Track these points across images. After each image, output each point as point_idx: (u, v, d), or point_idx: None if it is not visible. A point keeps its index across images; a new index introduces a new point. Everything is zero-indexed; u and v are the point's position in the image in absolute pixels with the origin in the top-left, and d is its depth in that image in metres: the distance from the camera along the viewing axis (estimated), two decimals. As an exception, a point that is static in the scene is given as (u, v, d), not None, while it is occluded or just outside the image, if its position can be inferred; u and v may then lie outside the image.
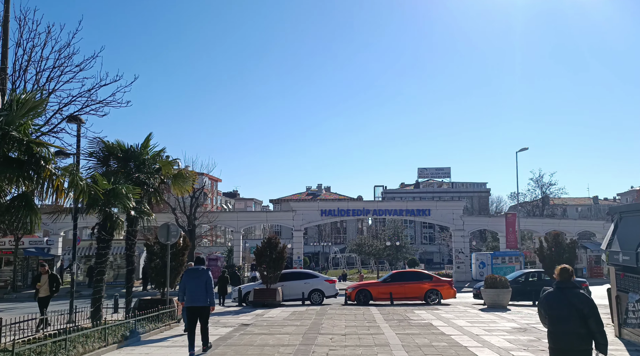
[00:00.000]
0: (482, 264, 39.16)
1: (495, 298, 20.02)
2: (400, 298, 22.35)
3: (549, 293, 6.02)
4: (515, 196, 70.75)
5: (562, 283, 5.88)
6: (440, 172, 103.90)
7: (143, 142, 14.44)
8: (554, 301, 5.82)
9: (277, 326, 14.44)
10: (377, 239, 60.00)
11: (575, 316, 5.58)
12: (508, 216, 40.04)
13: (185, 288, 10.03)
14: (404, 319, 16.17)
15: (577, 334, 5.57)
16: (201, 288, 9.90)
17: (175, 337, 12.56)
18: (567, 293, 5.77)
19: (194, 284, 9.93)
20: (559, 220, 52.07)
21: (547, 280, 22.48)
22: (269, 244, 21.80)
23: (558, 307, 5.74)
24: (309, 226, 43.38)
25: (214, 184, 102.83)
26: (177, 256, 15.55)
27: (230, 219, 41.69)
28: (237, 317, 17.11)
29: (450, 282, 22.97)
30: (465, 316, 16.87)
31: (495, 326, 14.23)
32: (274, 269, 21.47)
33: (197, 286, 9.91)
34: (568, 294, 5.75)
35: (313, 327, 14.19)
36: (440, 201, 43.51)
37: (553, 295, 5.90)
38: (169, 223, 15.05)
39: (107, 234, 11.97)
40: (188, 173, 14.88)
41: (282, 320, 16.23)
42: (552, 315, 5.80)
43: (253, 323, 15.39)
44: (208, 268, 10.64)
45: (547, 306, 5.88)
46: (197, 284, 9.92)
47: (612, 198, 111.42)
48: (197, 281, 9.96)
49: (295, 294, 22.63)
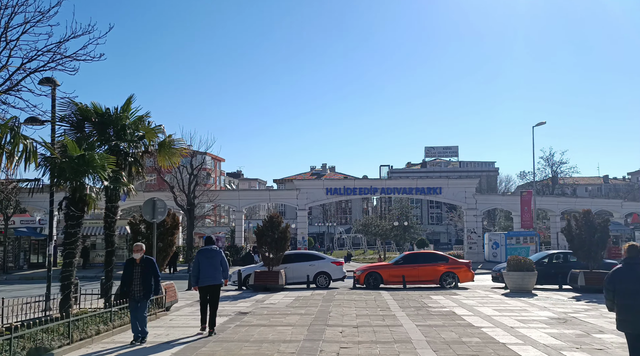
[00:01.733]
0: (495, 245, 37.35)
1: (520, 281, 18.19)
2: (413, 282, 20.59)
3: (618, 269, 6.50)
4: (524, 175, 68.88)
5: (631, 259, 6.39)
6: (448, 152, 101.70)
7: (123, 105, 12.49)
8: (624, 276, 6.30)
9: (278, 316, 12.66)
10: (384, 219, 58.22)
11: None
12: (523, 194, 38.00)
13: (199, 269, 10.15)
14: (422, 306, 14.38)
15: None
16: (217, 267, 10.16)
17: (160, 329, 10.81)
18: (636, 268, 6.28)
19: (208, 264, 10.13)
20: (575, 199, 50.02)
21: (573, 262, 20.65)
22: (271, 223, 19.97)
23: (628, 281, 6.22)
24: (313, 205, 41.57)
25: (217, 164, 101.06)
26: (165, 236, 13.75)
27: (232, 198, 39.87)
28: (234, 304, 15.37)
29: (468, 264, 21.15)
30: (490, 303, 15.06)
31: (528, 316, 12.40)
32: (276, 250, 19.67)
33: (211, 265, 10.13)
34: (638, 269, 6.26)
35: (320, 316, 12.41)
36: (452, 179, 41.52)
37: (622, 270, 6.39)
38: (155, 198, 13.20)
39: (76, 210, 10.13)
40: (176, 142, 12.93)
41: (284, 307, 14.48)
42: (622, 289, 6.24)
43: (252, 311, 13.64)
44: (220, 247, 11.22)
45: (617, 281, 6.32)
46: (212, 264, 10.14)
47: (621, 178, 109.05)
48: (212, 260, 10.18)
49: (299, 278, 20.89)
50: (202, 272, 10.14)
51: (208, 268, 10.14)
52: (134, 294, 9.23)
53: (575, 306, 14.52)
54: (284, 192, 45.94)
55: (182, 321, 12.01)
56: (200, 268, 10.16)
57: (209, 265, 10.15)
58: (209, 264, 10.16)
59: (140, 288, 9.23)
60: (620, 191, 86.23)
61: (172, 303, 13.99)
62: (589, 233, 18.60)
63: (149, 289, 9.28)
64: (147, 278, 9.26)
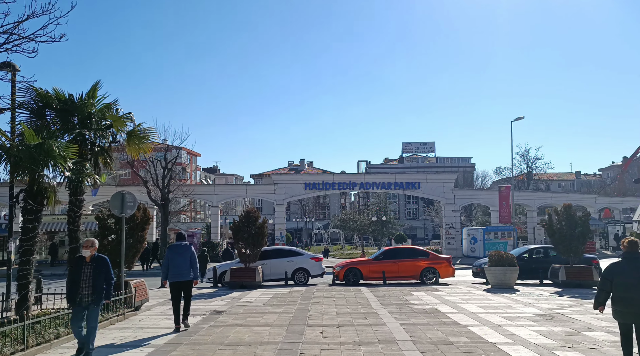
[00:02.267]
0: (473, 240, 37.29)
1: (502, 277, 17.92)
2: (393, 277, 20.17)
3: (617, 263, 6.77)
4: (500, 170, 69.48)
5: (630, 253, 6.65)
6: (425, 147, 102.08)
7: (89, 91, 11.67)
8: (623, 270, 6.58)
9: (255, 315, 12.03)
10: (362, 214, 57.92)
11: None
12: (502, 189, 38.05)
13: (169, 265, 10.16)
14: (404, 303, 13.92)
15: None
16: (186, 264, 10.12)
17: (128, 330, 10.07)
18: (635, 262, 6.54)
19: (179, 260, 10.11)
20: (551, 194, 50.49)
21: (553, 257, 20.49)
22: (248, 219, 19.27)
23: (627, 275, 6.49)
24: (291, 200, 40.88)
25: (192, 159, 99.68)
26: (134, 232, 12.94)
27: (207, 193, 38.87)
28: (209, 302, 14.67)
29: (449, 259, 20.81)
30: (473, 299, 14.70)
31: (514, 313, 12.03)
32: (253, 246, 18.99)
33: (182, 261, 10.10)
34: (637, 263, 6.52)
35: (299, 315, 11.83)
36: (430, 174, 41.23)
37: (622, 264, 6.67)
38: (124, 191, 12.39)
39: (35, 204, 9.31)
40: (145, 131, 12.13)
41: (262, 305, 13.85)
42: (621, 282, 6.51)
43: (227, 310, 12.97)
44: (191, 243, 10.86)
45: (616, 274, 6.62)
46: (182, 260, 10.10)
47: (592, 173, 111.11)
48: (182, 257, 10.14)
49: (277, 274, 20.26)
50: (172, 268, 10.16)
51: (178, 264, 10.15)
52: (82, 298, 7.64)
53: (558, 301, 14.26)
54: (261, 187, 45.11)
55: (153, 321, 11.29)
56: (170, 264, 10.19)
57: (181, 261, 10.15)
58: (180, 260, 10.16)
59: (90, 292, 7.65)
60: (592, 186, 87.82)
61: (143, 302, 13.25)
62: (570, 228, 18.42)
63: (100, 294, 7.73)
64: (99, 280, 7.72)
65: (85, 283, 7.67)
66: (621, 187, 74.80)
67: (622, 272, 6.59)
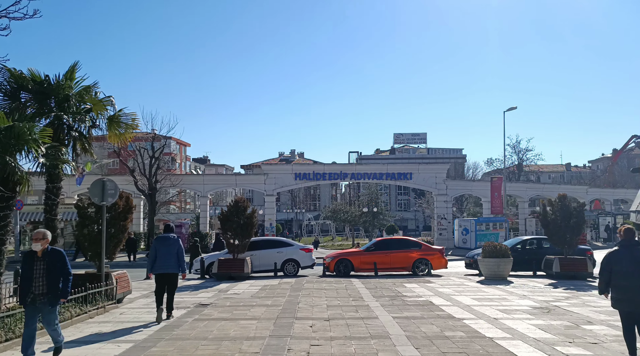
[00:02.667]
0: (465, 231, 37.03)
1: (495, 268, 17.59)
2: (385, 269, 19.79)
3: (614, 251, 6.79)
4: (492, 161, 69.32)
5: (627, 241, 6.70)
6: (417, 138, 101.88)
7: (66, 72, 11.04)
8: (621, 258, 6.62)
9: (242, 308, 11.56)
10: (353, 205, 57.56)
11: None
12: (494, 180, 37.77)
13: (155, 256, 10.06)
14: (396, 295, 13.53)
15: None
16: (173, 255, 10.05)
17: (107, 324, 9.56)
18: (632, 250, 6.59)
19: (165, 252, 10.03)
20: (543, 185, 50.40)
21: (546, 248, 20.21)
22: (236, 208, 18.75)
23: (624, 263, 6.54)
24: (282, 190, 40.34)
25: (182, 149, 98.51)
26: (116, 221, 12.38)
27: (196, 183, 38.19)
28: (195, 294, 14.19)
29: (442, 251, 20.45)
30: (467, 292, 14.34)
31: (510, 306, 11.67)
32: (242, 236, 18.49)
33: (168, 253, 10.03)
34: (633, 251, 6.57)
35: (287, 308, 11.39)
36: (422, 164, 40.86)
37: (619, 253, 6.70)
38: (104, 178, 11.81)
39: (6, 191, 8.73)
40: (127, 116, 11.54)
41: (249, 297, 13.39)
42: (619, 270, 6.58)
43: (213, 302, 12.49)
44: (179, 234, 11.09)
45: (614, 263, 6.66)
46: (169, 252, 10.04)
47: (582, 166, 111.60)
48: (168, 248, 10.07)
49: (266, 265, 19.80)
50: (158, 259, 10.06)
51: (165, 256, 10.05)
52: (34, 298, 6.68)
53: (554, 293, 13.93)
54: (251, 177, 44.44)
55: (134, 315, 10.78)
56: (157, 255, 10.08)
57: (166, 253, 10.06)
58: (166, 252, 10.07)
59: (43, 291, 6.70)
60: (581, 178, 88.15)
61: (125, 294, 12.72)
62: (564, 219, 18.09)
63: (55, 293, 6.75)
64: (53, 277, 6.76)
65: (38, 281, 6.69)
66: (611, 179, 75.07)
67: (619, 260, 6.63)
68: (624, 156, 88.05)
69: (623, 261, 6.59)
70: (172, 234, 10.45)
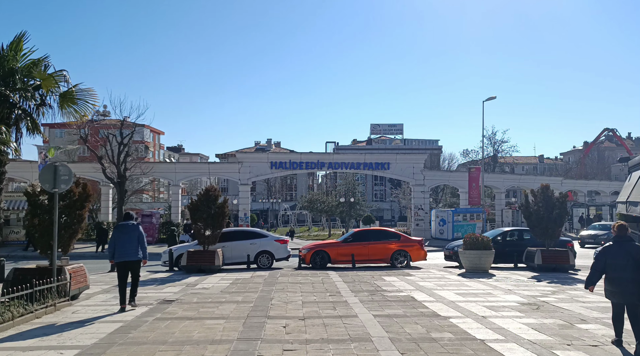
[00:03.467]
0: (442, 222, 36.69)
1: (477, 261, 17.01)
2: (363, 261, 19.08)
3: (608, 246, 7.29)
4: (467, 153, 69.27)
5: (620, 237, 7.19)
6: (393, 129, 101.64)
7: (11, 43, 9.82)
8: (615, 252, 7.11)
9: (210, 305, 10.62)
10: (330, 195, 56.83)
11: (632, 265, 6.89)
12: (471, 170, 37.41)
13: (115, 245, 10.00)
14: (376, 290, 12.76)
15: (633, 279, 6.86)
16: (133, 243, 9.98)
17: (52, 326, 8.49)
18: (625, 245, 7.09)
19: (125, 239, 9.96)
20: (519, 176, 50.47)
21: (527, 240, 19.77)
22: (207, 197, 17.73)
23: (618, 257, 7.03)
24: (257, 179, 39.30)
25: (156, 137, 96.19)
26: (71, 210, 11.23)
27: (168, 171, 36.76)
28: (160, 289, 13.16)
29: (421, 242, 19.80)
30: (449, 286, 13.67)
31: (496, 302, 11.01)
32: (213, 227, 17.50)
33: (128, 241, 9.96)
34: (626, 246, 7.08)
35: (259, 305, 10.50)
36: (400, 154, 40.33)
37: (612, 247, 7.19)
38: (57, 163, 10.66)
39: None
40: (84, 92, 10.38)
41: (219, 292, 12.44)
42: (612, 264, 7.06)
43: (179, 298, 11.51)
44: (139, 223, 10.69)
45: (609, 256, 7.14)
46: (129, 239, 9.97)
47: (554, 158, 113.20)
48: (128, 236, 9.99)
49: (239, 257, 18.86)
50: (119, 247, 9.98)
51: (125, 243, 9.97)
52: None
53: (539, 287, 13.37)
54: (225, 165, 43.11)
55: (89, 313, 9.72)
56: (117, 243, 10.01)
57: (126, 241, 9.99)
58: (126, 239, 9.99)
59: None
60: (554, 170, 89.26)
61: (82, 290, 11.63)
62: (547, 210, 17.60)
63: None
64: None
65: None
66: (582, 171, 76.14)
67: (614, 254, 7.08)
68: (595, 149, 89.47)
69: (617, 255, 7.02)
70: (132, 222, 10.35)
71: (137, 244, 10.06)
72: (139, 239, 10.10)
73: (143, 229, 10.50)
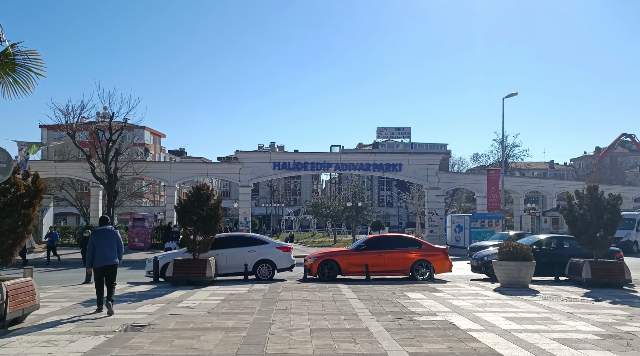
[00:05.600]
0: (458, 228, 34.01)
1: (515, 274, 14.37)
2: (378, 272, 16.55)
3: None
4: (478, 157, 66.61)
5: None
6: (400, 132, 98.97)
7: None
8: None
9: (189, 333, 8.06)
10: (335, 199, 54.21)
11: None
12: (490, 173, 34.76)
13: (94, 250, 9.97)
14: (402, 312, 10.19)
15: None
16: (112, 248, 10.11)
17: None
18: None
19: (104, 244, 10.04)
20: (539, 180, 47.78)
21: (567, 248, 17.17)
22: (198, 197, 15.21)
23: None
24: (259, 181, 36.66)
25: (157, 140, 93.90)
26: (14, 209, 8.73)
27: (162, 171, 34.23)
28: (133, 308, 10.61)
29: (445, 251, 17.22)
30: (490, 306, 11.07)
31: (564, 332, 8.40)
32: (204, 231, 14.97)
33: (108, 245, 10.06)
34: None
35: (254, 334, 7.95)
36: (413, 155, 37.75)
37: None
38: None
39: None
40: (24, 54, 7.91)
41: (205, 314, 9.89)
42: None
43: (152, 323, 8.95)
44: (116, 228, 11.32)
45: None
46: (109, 244, 10.07)
47: (563, 163, 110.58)
48: (108, 241, 10.09)
49: (235, 267, 16.31)
50: (97, 253, 9.98)
51: (103, 248, 10.01)
52: None
53: (605, 311, 10.74)
54: (224, 165, 40.46)
55: (24, 348, 7.17)
56: (95, 248, 9.99)
57: (105, 246, 10.03)
58: (105, 244, 10.04)
59: None
60: (564, 176, 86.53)
61: (28, 311, 9.06)
62: (596, 214, 15.00)
63: None
64: None
65: None
66: (598, 176, 73.42)
67: None
68: (608, 154, 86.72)
69: None
70: (109, 226, 10.38)
71: (116, 248, 10.16)
72: (118, 243, 10.23)
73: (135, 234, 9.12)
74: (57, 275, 19.44)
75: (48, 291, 13.53)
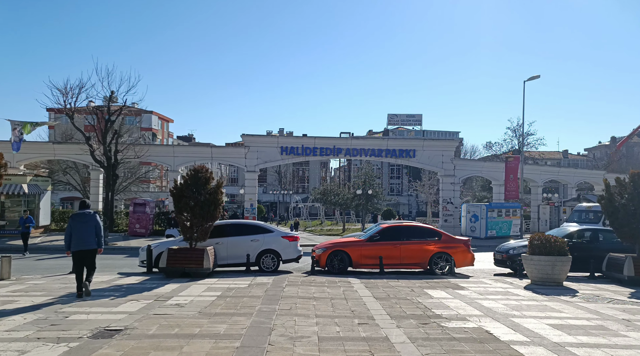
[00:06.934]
0: (474, 218, 32.37)
1: (549, 270, 12.79)
2: (393, 265, 15.07)
3: None
4: (491, 145, 64.51)
5: None
6: (411, 120, 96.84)
7: None
8: None
9: (171, 342, 6.60)
10: (345, 187, 52.60)
11: None
12: (509, 160, 32.96)
13: (71, 234, 9.92)
14: (426, 315, 8.67)
15: None
16: (90, 232, 9.99)
17: None
18: None
19: (82, 229, 9.94)
20: (559, 168, 45.85)
21: (602, 242, 15.58)
22: (196, 180, 13.73)
23: None
24: (265, 166, 35.15)
25: (165, 125, 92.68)
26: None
27: (164, 155, 32.78)
28: (114, 306, 9.17)
29: (467, 243, 15.68)
30: (527, 309, 9.53)
31: (630, 345, 6.86)
32: (202, 218, 13.51)
33: (85, 230, 9.95)
34: None
35: (250, 344, 6.50)
36: (428, 140, 36.02)
37: None
38: None
39: None
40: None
41: (196, 314, 8.45)
42: None
43: (130, 326, 7.51)
44: (95, 212, 10.56)
45: None
46: (86, 229, 9.95)
47: (576, 153, 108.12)
48: (86, 225, 9.98)
49: (236, 257, 14.88)
50: (75, 237, 9.91)
51: (81, 232, 9.92)
52: None
53: (663, 315, 9.16)
54: (230, 149, 38.91)
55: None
56: (73, 232, 9.92)
57: (82, 230, 9.93)
58: (82, 229, 9.94)
59: None
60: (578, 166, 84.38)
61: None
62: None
63: None
64: None
65: None
66: (615, 166, 71.30)
67: None
68: (625, 144, 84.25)
69: None
70: (88, 210, 10.28)
71: (95, 233, 10.01)
72: (96, 228, 10.04)
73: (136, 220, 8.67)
74: (47, 262, 18.15)
75: (27, 282, 12.19)
